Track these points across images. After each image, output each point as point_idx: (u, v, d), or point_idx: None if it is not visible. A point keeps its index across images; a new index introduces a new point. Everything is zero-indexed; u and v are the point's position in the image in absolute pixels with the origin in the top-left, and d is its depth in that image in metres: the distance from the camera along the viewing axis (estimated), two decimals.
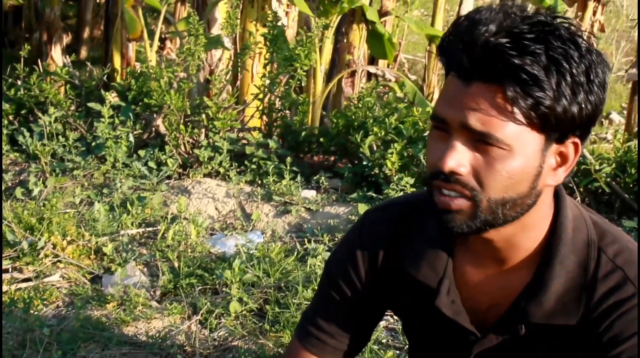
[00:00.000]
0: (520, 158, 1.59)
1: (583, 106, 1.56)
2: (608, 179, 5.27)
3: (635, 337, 1.71)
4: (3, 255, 4.49)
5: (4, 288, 4.23)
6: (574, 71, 1.53)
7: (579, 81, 1.53)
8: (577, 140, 1.64)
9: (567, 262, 1.77)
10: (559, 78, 1.52)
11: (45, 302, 4.11)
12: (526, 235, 1.77)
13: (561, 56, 1.52)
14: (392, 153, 5.43)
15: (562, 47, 1.52)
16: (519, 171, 1.61)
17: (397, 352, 3.58)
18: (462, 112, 1.57)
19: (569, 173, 1.70)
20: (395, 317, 2.15)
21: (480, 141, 1.58)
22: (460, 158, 1.59)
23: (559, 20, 1.57)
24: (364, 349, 3.08)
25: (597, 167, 5.30)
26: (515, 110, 1.53)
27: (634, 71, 8.10)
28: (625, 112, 9.21)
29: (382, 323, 3.50)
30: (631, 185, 5.27)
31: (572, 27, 1.58)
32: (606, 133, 8.83)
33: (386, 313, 2.17)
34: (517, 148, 1.57)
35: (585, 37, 1.57)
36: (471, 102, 1.56)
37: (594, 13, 9.19)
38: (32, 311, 3.97)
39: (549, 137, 1.61)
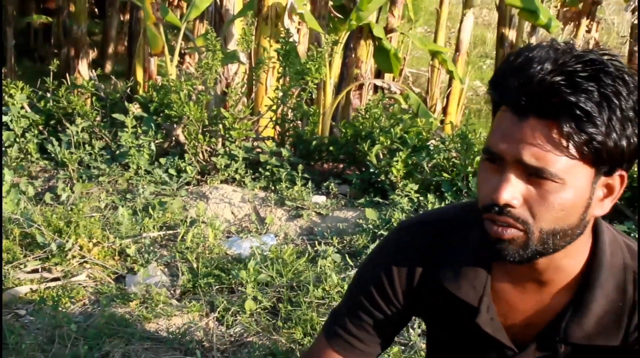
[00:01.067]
0: (572, 190, 1.59)
1: (632, 140, 1.56)
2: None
3: None
4: (34, 256, 4.52)
5: (35, 287, 4.25)
6: (624, 106, 1.53)
7: (628, 116, 1.54)
8: (623, 172, 1.65)
9: (606, 286, 1.77)
10: (610, 114, 1.51)
11: (72, 300, 4.13)
12: (570, 261, 1.77)
13: (612, 92, 1.51)
14: (397, 161, 5.44)
15: (612, 85, 1.52)
16: (570, 203, 1.61)
17: (402, 347, 3.60)
18: (517, 147, 1.56)
19: (615, 203, 1.70)
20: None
21: (534, 175, 1.57)
22: (514, 191, 1.59)
23: (607, 57, 1.57)
24: None
25: None
26: (570, 145, 1.53)
27: None
28: None
29: None
30: (629, 198, 5.28)
31: (620, 64, 1.57)
32: None
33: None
34: (569, 181, 1.57)
35: (631, 74, 1.57)
36: (526, 138, 1.56)
37: (589, 31, 9.20)
38: (60, 309, 3.98)
39: (598, 170, 1.60)
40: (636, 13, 7.56)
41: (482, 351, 1.94)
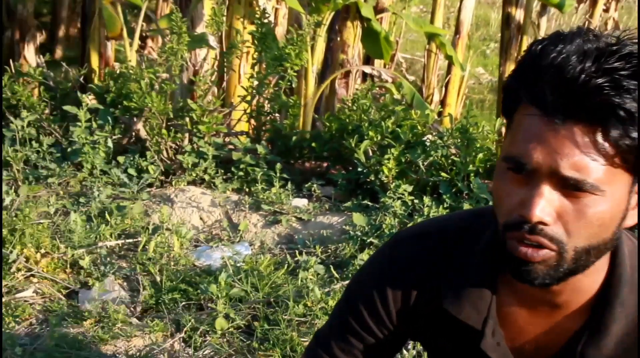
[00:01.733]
0: (611, 202, 1.56)
1: None
2: None
3: None
4: None
5: None
6: None
7: None
8: None
9: (627, 303, 1.75)
10: None
11: (17, 319, 4.11)
12: (589, 279, 1.74)
13: None
14: (388, 159, 5.45)
15: None
16: (609, 216, 1.58)
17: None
18: (553, 156, 1.52)
19: None
20: None
21: (571, 187, 1.53)
22: (549, 207, 1.54)
23: (634, 45, 1.54)
24: None
25: None
26: (614, 152, 1.50)
27: None
28: None
29: None
30: None
31: None
32: None
33: None
34: (609, 192, 1.54)
35: None
36: (565, 146, 1.51)
37: (607, 10, 9.24)
38: (3, 330, 3.98)
39: (634, 176, 1.58)
40: None
41: None
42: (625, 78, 1.46)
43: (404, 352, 3.76)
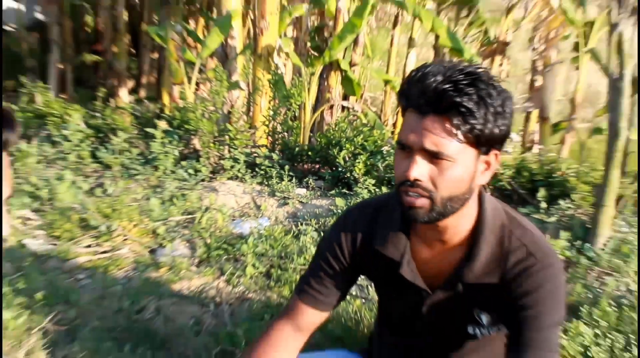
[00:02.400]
0: (462, 166, 1.70)
1: (502, 127, 1.69)
2: (508, 180, 5.33)
3: (537, 292, 1.82)
4: (88, 235, 4.53)
5: (89, 258, 4.26)
6: (495, 104, 1.65)
7: (497, 111, 1.66)
8: (497, 151, 1.76)
9: (489, 240, 1.87)
10: (485, 110, 1.64)
11: (118, 268, 4.14)
12: (462, 222, 1.86)
13: (486, 94, 1.64)
14: (359, 162, 5.47)
15: (485, 89, 1.64)
16: (461, 176, 1.71)
17: (363, 300, 3.62)
18: (421, 138, 1.67)
19: (492, 175, 1.80)
20: (363, 277, 2.20)
21: (434, 157, 1.68)
22: (421, 170, 1.69)
23: (480, 69, 1.69)
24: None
25: (501, 171, 5.35)
26: (458, 133, 1.65)
27: (527, 104, 8.15)
28: (521, 133, 9.22)
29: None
30: (525, 183, 5.33)
31: (490, 75, 1.70)
32: (507, 149, 8.91)
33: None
34: (459, 160, 1.68)
35: (498, 82, 1.70)
36: (427, 130, 1.67)
37: (501, 64, 9.25)
38: (108, 274, 4.01)
39: (479, 151, 1.72)
40: (534, 50, 7.63)
41: (406, 295, 2.02)
42: (465, 86, 1.62)
43: (369, 288, 3.80)
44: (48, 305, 3.55)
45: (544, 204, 4.74)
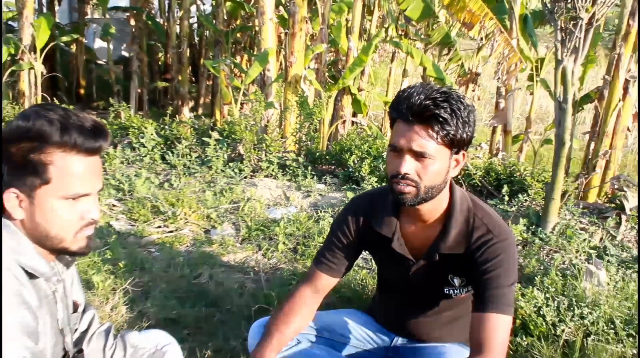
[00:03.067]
0: (439, 163, 1.78)
1: (468, 133, 1.78)
2: (479, 178, 5.29)
3: (495, 260, 1.88)
4: (159, 218, 4.52)
5: (159, 236, 4.25)
6: (463, 115, 1.75)
7: (465, 120, 1.76)
8: (464, 152, 1.85)
9: (458, 220, 1.94)
10: (457, 120, 1.74)
11: (180, 243, 4.14)
12: (437, 206, 1.93)
13: (457, 108, 1.74)
14: (365, 165, 5.43)
15: (456, 104, 1.74)
16: (439, 170, 1.80)
17: (368, 271, 3.60)
18: (409, 142, 1.75)
19: (461, 170, 1.91)
20: (366, 253, 2.27)
21: (419, 156, 1.76)
22: (409, 166, 1.77)
23: (451, 90, 1.78)
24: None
25: (474, 171, 5.32)
26: (437, 137, 1.74)
27: (493, 120, 8.11)
28: (488, 143, 9.17)
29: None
30: (492, 181, 5.30)
31: (459, 94, 1.79)
32: (479, 155, 8.87)
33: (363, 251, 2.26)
34: (437, 158, 1.77)
35: (465, 99, 1.79)
36: (413, 136, 1.75)
37: (474, 90, 9.19)
38: (174, 248, 4.00)
39: (452, 151, 1.81)
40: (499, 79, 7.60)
41: (397, 264, 2.08)
42: (441, 102, 1.72)
43: (373, 261, 3.77)
44: (128, 271, 3.56)
45: (506, 198, 4.74)
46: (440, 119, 1.72)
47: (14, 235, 1.48)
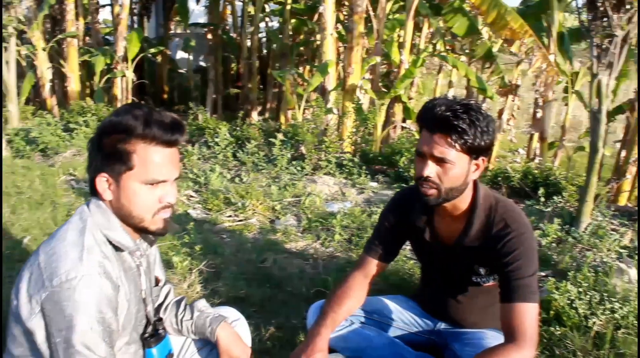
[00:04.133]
0: (459, 168, 1.78)
1: (486, 141, 1.76)
2: (518, 180, 5.17)
3: (515, 252, 1.85)
4: (230, 209, 4.56)
5: (230, 224, 4.29)
6: (481, 125, 1.74)
7: (484, 130, 1.74)
8: (484, 158, 1.83)
9: (480, 216, 1.93)
10: (475, 129, 1.73)
11: (248, 231, 4.16)
12: (461, 203, 1.93)
13: (475, 119, 1.73)
14: (413, 165, 5.37)
15: (475, 115, 1.73)
16: (458, 174, 1.80)
17: (415, 261, 3.55)
18: (431, 148, 1.76)
19: (481, 174, 1.87)
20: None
21: (440, 161, 1.77)
22: (431, 170, 1.79)
23: (472, 102, 1.78)
24: (397, 258, 3.19)
25: (513, 174, 5.20)
26: (456, 145, 1.74)
27: (531, 129, 7.92)
28: (526, 149, 8.96)
29: (408, 248, 3.47)
30: (529, 184, 5.18)
31: (479, 105, 1.77)
32: (516, 159, 8.67)
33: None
34: (457, 163, 1.77)
35: (484, 110, 1.77)
36: (435, 143, 1.75)
37: (513, 100, 9.00)
38: (243, 235, 4.03)
39: (471, 157, 1.79)
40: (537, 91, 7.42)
41: (429, 254, 2.15)
42: (460, 113, 1.71)
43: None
44: (203, 254, 3.60)
45: (542, 199, 4.62)
46: (459, 129, 1.71)
47: (104, 213, 1.56)
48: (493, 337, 2.11)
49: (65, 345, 1.40)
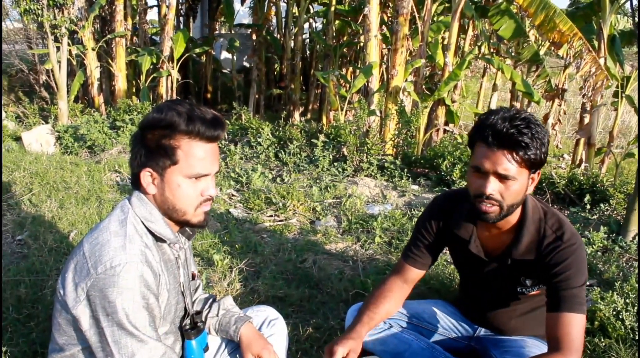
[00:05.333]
0: (520, 183, 1.76)
1: (544, 154, 1.76)
2: (563, 187, 5.07)
3: (564, 263, 1.83)
4: (270, 208, 4.58)
5: (271, 223, 4.31)
6: (541, 137, 1.72)
7: (543, 143, 1.73)
8: (539, 171, 1.83)
9: (530, 229, 1.91)
10: (537, 144, 1.71)
11: (289, 231, 4.18)
12: (511, 216, 1.90)
13: (535, 132, 1.71)
14: (456, 169, 5.32)
15: (535, 128, 1.72)
16: (520, 190, 1.78)
17: (454, 267, 3.52)
18: (494, 165, 1.73)
19: (535, 186, 1.90)
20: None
21: (503, 178, 1.75)
22: (493, 188, 1.76)
23: (529, 115, 1.75)
24: (437, 262, 3.12)
25: (558, 180, 5.10)
26: (520, 161, 1.72)
27: (578, 134, 7.75)
28: (571, 154, 8.76)
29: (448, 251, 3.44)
30: (575, 190, 5.06)
31: (535, 117, 1.76)
32: (561, 165, 8.49)
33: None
34: (519, 179, 1.76)
35: (541, 123, 1.75)
36: (498, 160, 1.73)
37: (559, 105, 8.82)
38: (283, 235, 4.05)
39: (530, 171, 1.78)
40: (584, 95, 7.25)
41: (472, 263, 2.07)
42: (523, 128, 1.70)
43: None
44: (243, 253, 3.64)
45: (588, 206, 4.52)
46: (524, 144, 1.70)
47: (146, 206, 1.60)
48: (534, 345, 2.08)
49: (113, 328, 1.45)
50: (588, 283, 3.32)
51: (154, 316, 1.52)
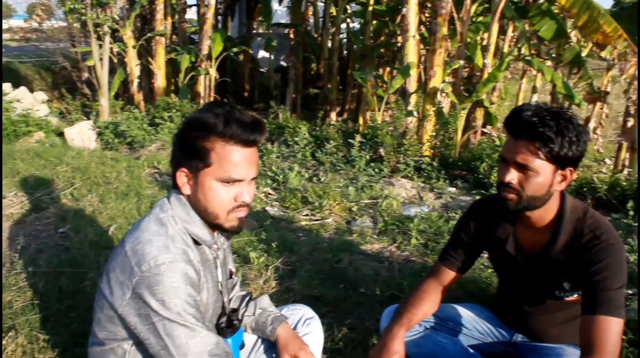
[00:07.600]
0: (542, 176, 1.75)
1: (575, 152, 1.72)
2: (605, 192, 4.97)
3: (601, 263, 1.77)
4: (307, 208, 4.59)
5: (307, 223, 4.32)
6: (570, 134, 1.70)
7: (571, 140, 1.70)
8: (571, 168, 1.78)
9: (567, 228, 1.87)
10: (562, 138, 1.69)
11: (325, 231, 4.18)
12: (546, 214, 1.89)
13: (564, 127, 1.69)
14: (495, 172, 5.26)
15: (564, 123, 1.70)
16: (541, 183, 1.77)
17: (493, 270, 3.48)
18: (513, 155, 1.76)
19: (568, 184, 1.80)
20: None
21: (522, 168, 1.75)
22: (513, 176, 1.77)
23: (563, 110, 1.75)
24: (474, 266, 3.10)
25: (599, 185, 5.01)
26: (540, 153, 1.72)
27: (621, 138, 7.59)
28: (613, 159, 8.59)
29: (486, 255, 3.39)
30: (617, 196, 4.96)
31: (569, 113, 1.74)
32: (602, 170, 8.32)
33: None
34: (540, 172, 1.75)
35: (576, 119, 1.74)
36: (518, 150, 1.74)
37: (601, 108, 8.65)
38: (319, 235, 4.06)
39: (556, 166, 1.75)
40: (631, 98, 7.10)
41: (510, 264, 2.06)
42: (548, 121, 1.69)
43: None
44: (279, 251, 3.65)
45: (631, 213, 4.41)
46: (545, 137, 1.69)
47: (184, 207, 1.61)
48: (572, 354, 2.03)
49: (164, 322, 1.46)
50: (631, 292, 3.24)
51: (200, 312, 1.54)
